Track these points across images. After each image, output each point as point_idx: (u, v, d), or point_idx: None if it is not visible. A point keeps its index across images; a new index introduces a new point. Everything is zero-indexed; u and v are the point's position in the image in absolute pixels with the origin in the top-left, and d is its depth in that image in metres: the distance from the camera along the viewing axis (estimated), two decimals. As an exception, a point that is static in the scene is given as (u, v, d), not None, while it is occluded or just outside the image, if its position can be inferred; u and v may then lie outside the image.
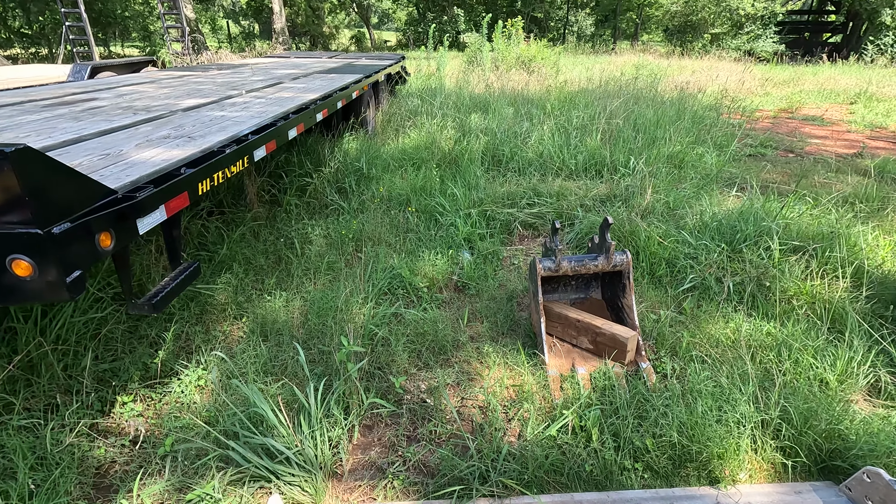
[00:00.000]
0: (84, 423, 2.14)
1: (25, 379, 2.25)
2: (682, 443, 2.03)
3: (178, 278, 2.16)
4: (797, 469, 2.02)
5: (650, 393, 2.33)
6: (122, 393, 2.37)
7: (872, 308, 2.95)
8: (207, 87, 4.89)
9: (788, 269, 3.27)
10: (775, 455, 2.04)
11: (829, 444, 2.03)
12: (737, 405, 2.14)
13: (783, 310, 2.99)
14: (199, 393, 2.40)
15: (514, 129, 6.33)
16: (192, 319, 2.89)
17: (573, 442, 2.11)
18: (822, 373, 2.39)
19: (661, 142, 5.85)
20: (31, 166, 1.40)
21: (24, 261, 1.45)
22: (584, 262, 2.79)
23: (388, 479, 2.04)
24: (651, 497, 1.26)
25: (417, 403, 2.44)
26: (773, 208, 3.98)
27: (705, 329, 2.90)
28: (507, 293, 3.36)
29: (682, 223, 3.96)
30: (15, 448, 1.90)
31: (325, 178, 4.85)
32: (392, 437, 2.27)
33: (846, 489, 1.40)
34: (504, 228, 4.26)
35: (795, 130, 8.57)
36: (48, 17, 16.87)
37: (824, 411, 2.09)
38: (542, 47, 12.42)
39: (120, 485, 1.95)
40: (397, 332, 2.84)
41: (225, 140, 2.64)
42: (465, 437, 2.14)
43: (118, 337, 2.61)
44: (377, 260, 3.56)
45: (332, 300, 2.99)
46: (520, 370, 2.59)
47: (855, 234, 3.60)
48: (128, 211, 1.75)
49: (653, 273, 3.49)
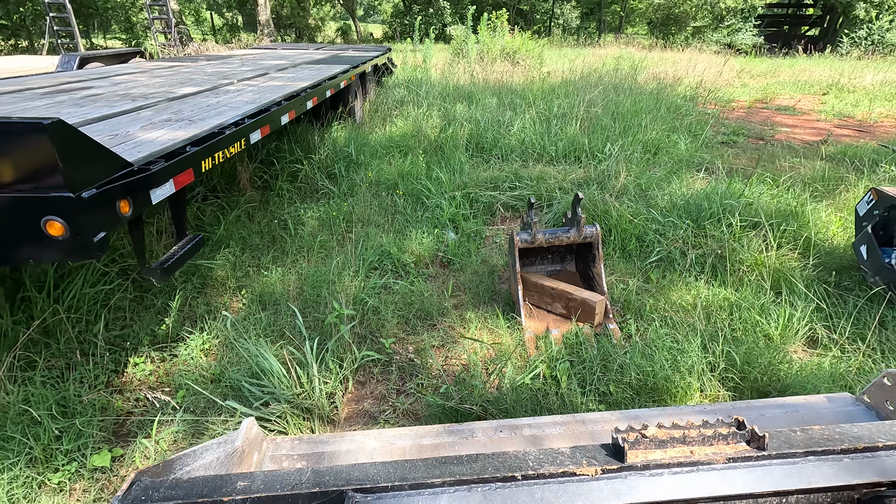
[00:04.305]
0: (101, 381, 2.34)
1: (44, 342, 2.44)
2: (640, 382, 2.30)
3: (185, 248, 2.36)
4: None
5: (615, 349, 2.60)
6: (133, 355, 2.57)
7: (818, 275, 3.25)
8: (199, 76, 5.03)
9: (746, 243, 3.56)
10: (720, 391, 2.32)
11: (768, 384, 2.32)
12: (689, 355, 2.41)
13: (739, 278, 3.28)
14: (204, 355, 2.62)
15: (498, 118, 6.57)
16: (194, 292, 3.09)
17: (545, 388, 2.37)
18: (766, 328, 2.68)
19: (637, 129, 6.13)
20: (63, 137, 1.60)
21: (58, 222, 1.65)
22: (557, 235, 3.04)
23: (379, 425, 2.28)
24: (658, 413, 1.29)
25: (406, 362, 2.68)
26: (737, 189, 4.27)
27: (668, 296, 3.17)
28: (489, 268, 3.61)
29: (653, 203, 4.24)
30: (40, 398, 2.11)
31: (315, 165, 5.04)
32: (383, 390, 2.51)
33: (864, 398, 1.31)
34: (487, 210, 4.50)
35: (767, 119, 8.93)
36: (28, 9, 16.63)
37: (763, 356, 2.37)
38: (527, 39, 12.63)
39: (138, 431, 2.17)
40: (386, 301, 3.07)
41: (223, 123, 2.83)
42: (450, 388, 2.39)
43: (126, 306, 2.80)
44: (367, 239, 3.78)
45: (326, 274, 3.21)
46: (499, 332, 2.85)
47: (808, 212, 3.91)
48: (143, 182, 1.96)
49: (623, 248, 3.76)
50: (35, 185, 1.62)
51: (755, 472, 0.81)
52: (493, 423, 1.30)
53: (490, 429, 1.29)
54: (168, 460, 0.91)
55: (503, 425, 1.30)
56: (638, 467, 0.81)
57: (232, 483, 0.79)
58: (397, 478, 0.79)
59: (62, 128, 1.59)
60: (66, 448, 1.98)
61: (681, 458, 0.82)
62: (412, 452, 1.21)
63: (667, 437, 0.84)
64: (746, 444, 0.85)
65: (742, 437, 0.85)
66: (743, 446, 0.84)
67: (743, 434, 0.85)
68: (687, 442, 0.84)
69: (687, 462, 0.81)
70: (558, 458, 0.84)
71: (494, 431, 1.28)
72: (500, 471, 0.80)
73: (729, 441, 0.85)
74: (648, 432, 0.85)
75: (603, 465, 0.81)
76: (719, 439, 0.85)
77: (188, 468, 0.92)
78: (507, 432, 1.27)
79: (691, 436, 0.84)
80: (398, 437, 1.25)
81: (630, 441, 0.83)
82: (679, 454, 0.83)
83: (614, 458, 0.83)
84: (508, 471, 0.80)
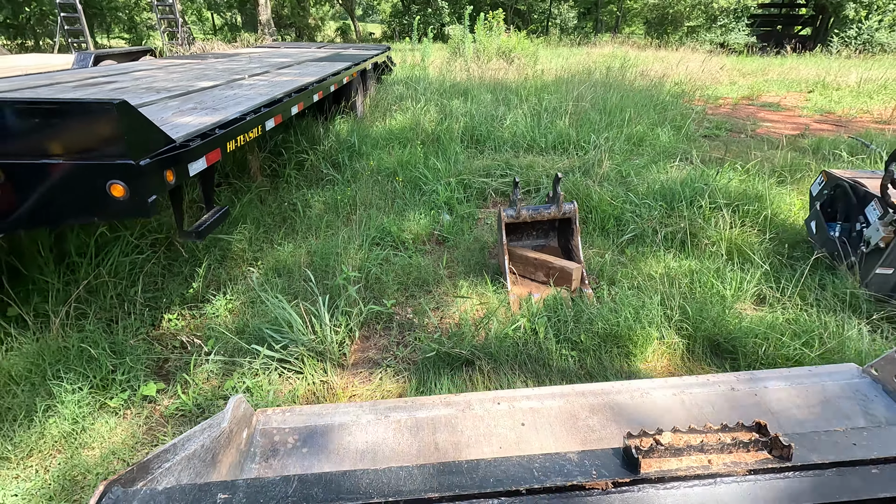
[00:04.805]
0: (141, 332, 2.72)
1: (90, 301, 2.81)
2: (606, 331, 2.68)
3: (214, 216, 2.73)
4: (694, 350, 2.69)
5: (588, 307, 2.97)
6: (166, 312, 2.94)
7: (774, 248, 3.63)
8: (212, 72, 5.40)
9: (714, 222, 3.94)
10: (676, 339, 2.70)
11: (717, 333, 2.70)
12: (650, 310, 2.79)
13: (703, 251, 3.66)
14: (228, 313, 2.99)
15: (492, 113, 6.94)
16: (215, 262, 3.46)
17: (525, 338, 2.75)
18: (720, 289, 3.06)
19: (622, 123, 6.51)
20: (126, 115, 1.97)
21: (120, 185, 2.02)
22: (539, 210, 3.42)
23: (382, 369, 2.66)
24: (661, 385, 1.24)
25: (405, 321, 3.05)
26: (708, 176, 4.66)
27: (639, 266, 3.55)
28: (480, 245, 3.98)
29: (632, 188, 4.62)
30: (94, 342, 2.48)
31: (320, 154, 5.41)
32: (385, 343, 2.89)
33: (871, 370, 1.25)
34: (479, 195, 4.88)
35: (751, 115, 9.31)
36: (35, 9, 16.97)
37: (713, 311, 2.76)
38: (522, 39, 13.01)
39: (176, 371, 2.54)
40: (387, 270, 3.45)
41: (244, 111, 3.20)
42: (443, 338, 2.76)
43: (158, 273, 3.17)
44: (369, 219, 4.15)
45: (333, 247, 3.58)
46: (488, 295, 3.22)
47: (771, 195, 4.30)
48: (184, 156, 2.33)
49: (603, 227, 4.13)
50: (102, 153, 1.99)
51: (778, 485, 0.76)
52: (490, 393, 1.25)
53: (488, 400, 1.24)
54: (143, 462, 0.83)
55: (501, 397, 1.25)
56: (652, 479, 0.76)
57: (212, 495, 0.74)
58: (391, 491, 0.74)
59: (126, 107, 1.96)
60: (120, 379, 2.36)
61: (698, 470, 0.77)
62: (408, 426, 1.17)
63: (683, 445, 0.79)
64: (769, 453, 0.80)
65: (764, 446, 0.80)
66: (765, 455, 0.79)
67: (765, 442, 0.80)
68: (704, 450, 0.79)
69: (705, 474, 0.76)
70: (566, 466, 0.78)
71: (493, 403, 1.23)
72: (503, 483, 0.75)
73: (750, 449, 0.80)
74: (663, 439, 0.80)
75: (614, 478, 0.76)
76: (739, 447, 0.79)
77: (167, 465, 0.86)
78: (506, 404, 1.23)
79: (709, 443, 0.79)
80: (393, 410, 1.20)
81: (644, 450, 0.78)
82: (696, 463, 0.78)
83: (626, 469, 0.78)
84: (512, 484, 0.75)
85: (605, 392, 1.25)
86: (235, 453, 1.04)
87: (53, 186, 2.04)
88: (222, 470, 0.97)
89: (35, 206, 2.09)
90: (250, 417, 1.14)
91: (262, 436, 1.13)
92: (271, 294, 2.80)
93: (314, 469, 1.05)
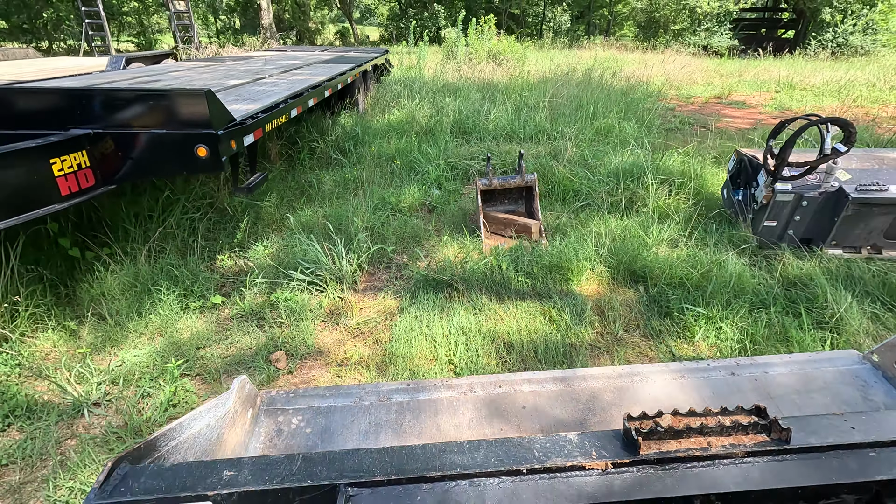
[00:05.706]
0: (204, 266, 3.63)
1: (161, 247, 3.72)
2: (552, 264, 3.60)
3: (259, 178, 3.64)
4: (618, 278, 3.61)
5: (543, 252, 3.89)
6: (218, 254, 3.85)
7: (696, 211, 4.56)
8: (235, 72, 6.31)
9: (654, 193, 4.86)
10: (604, 269, 3.62)
11: (634, 264, 3.63)
12: (585, 249, 3.71)
13: (639, 213, 4.58)
14: (266, 256, 3.90)
15: (478, 109, 7.87)
16: (251, 222, 4.37)
17: (492, 270, 3.66)
18: (643, 237, 3.99)
19: (592, 116, 7.45)
20: (210, 98, 2.87)
21: (204, 147, 2.92)
22: (507, 180, 4.34)
23: (384, 292, 3.57)
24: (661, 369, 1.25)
25: (402, 263, 3.96)
26: (656, 158, 5.59)
27: (588, 225, 4.47)
28: (462, 213, 4.89)
29: (592, 168, 5.55)
30: (174, 268, 3.39)
31: (329, 143, 6.32)
32: (386, 277, 3.80)
33: (871, 357, 1.26)
34: (464, 175, 5.80)
35: (716, 112, 10.27)
36: (51, 14, 17.88)
37: (632, 248, 3.68)
38: (511, 42, 13.96)
39: (232, 291, 3.45)
40: (387, 227, 4.36)
41: (275, 101, 4.11)
42: (430, 271, 3.67)
43: (210, 227, 4.09)
44: (372, 193, 5.06)
45: (345, 211, 4.49)
46: (466, 244, 4.14)
47: (703, 173, 5.23)
48: (243, 130, 3.23)
49: (563, 198, 5.06)
50: (194, 125, 2.89)
51: (776, 467, 0.76)
52: (491, 377, 1.27)
53: (490, 384, 1.25)
54: (150, 439, 0.85)
55: (502, 380, 1.26)
56: (651, 460, 0.76)
57: (218, 472, 0.75)
58: (394, 469, 0.75)
59: (211, 94, 2.87)
60: (196, 291, 3.26)
61: (697, 451, 0.77)
62: (410, 408, 1.18)
63: (683, 427, 0.79)
64: (767, 436, 0.80)
65: (763, 429, 0.80)
66: (763, 437, 0.80)
67: (764, 425, 0.80)
68: (704, 432, 0.79)
69: (704, 456, 0.77)
70: (566, 447, 0.78)
71: (494, 386, 1.25)
72: (504, 463, 0.76)
73: (749, 432, 0.80)
74: (663, 422, 0.80)
75: (614, 459, 0.76)
76: (738, 430, 0.80)
77: (174, 443, 0.88)
78: (507, 388, 1.24)
79: (709, 425, 0.79)
80: (395, 392, 1.22)
81: (644, 431, 0.78)
82: (695, 445, 0.78)
83: (626, 450, 0.78)
84: (513, 463, 0.76)
85: (606, 376, 1.27)
86: (240, 432, 1.06)
87: (156, 149, 2.94)
88: (227, 449, 0.99)
89: (140, 165, 2.99)
90: (255, 398, 1.15)
91: (267, 416, 1.15)
92: (304, 235, 3.71)
93: (317, 449, 1.07)
